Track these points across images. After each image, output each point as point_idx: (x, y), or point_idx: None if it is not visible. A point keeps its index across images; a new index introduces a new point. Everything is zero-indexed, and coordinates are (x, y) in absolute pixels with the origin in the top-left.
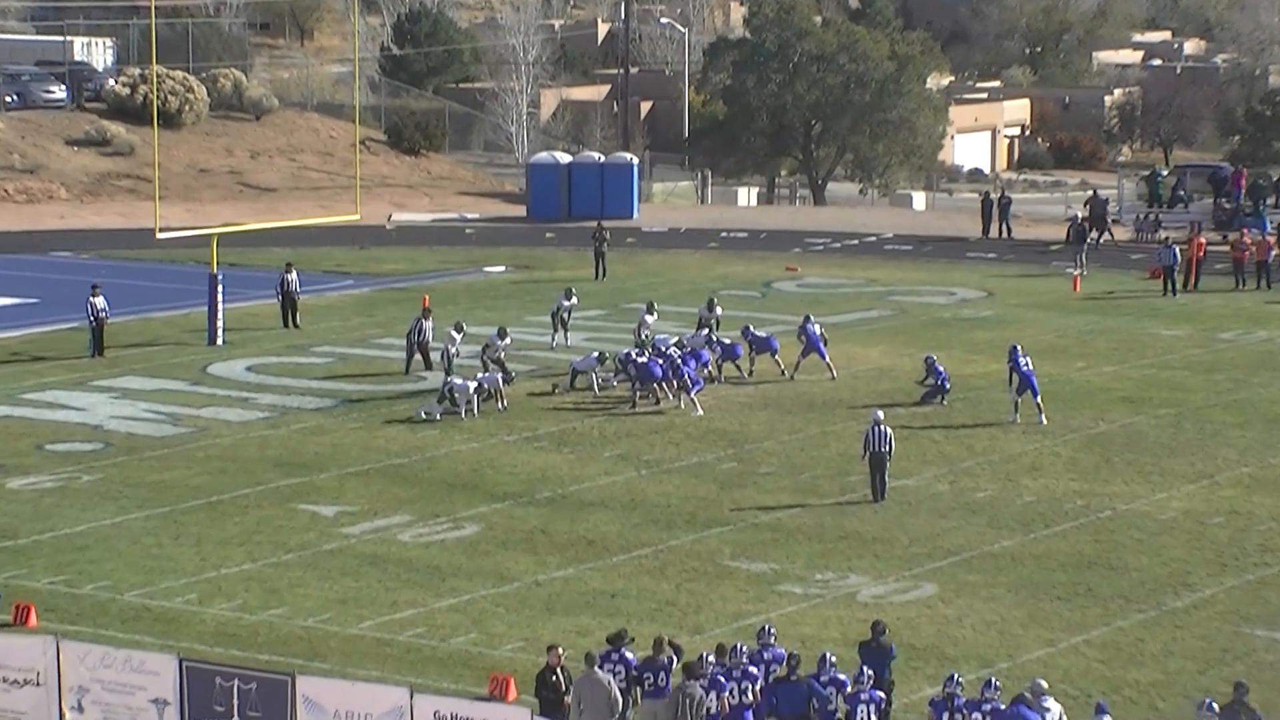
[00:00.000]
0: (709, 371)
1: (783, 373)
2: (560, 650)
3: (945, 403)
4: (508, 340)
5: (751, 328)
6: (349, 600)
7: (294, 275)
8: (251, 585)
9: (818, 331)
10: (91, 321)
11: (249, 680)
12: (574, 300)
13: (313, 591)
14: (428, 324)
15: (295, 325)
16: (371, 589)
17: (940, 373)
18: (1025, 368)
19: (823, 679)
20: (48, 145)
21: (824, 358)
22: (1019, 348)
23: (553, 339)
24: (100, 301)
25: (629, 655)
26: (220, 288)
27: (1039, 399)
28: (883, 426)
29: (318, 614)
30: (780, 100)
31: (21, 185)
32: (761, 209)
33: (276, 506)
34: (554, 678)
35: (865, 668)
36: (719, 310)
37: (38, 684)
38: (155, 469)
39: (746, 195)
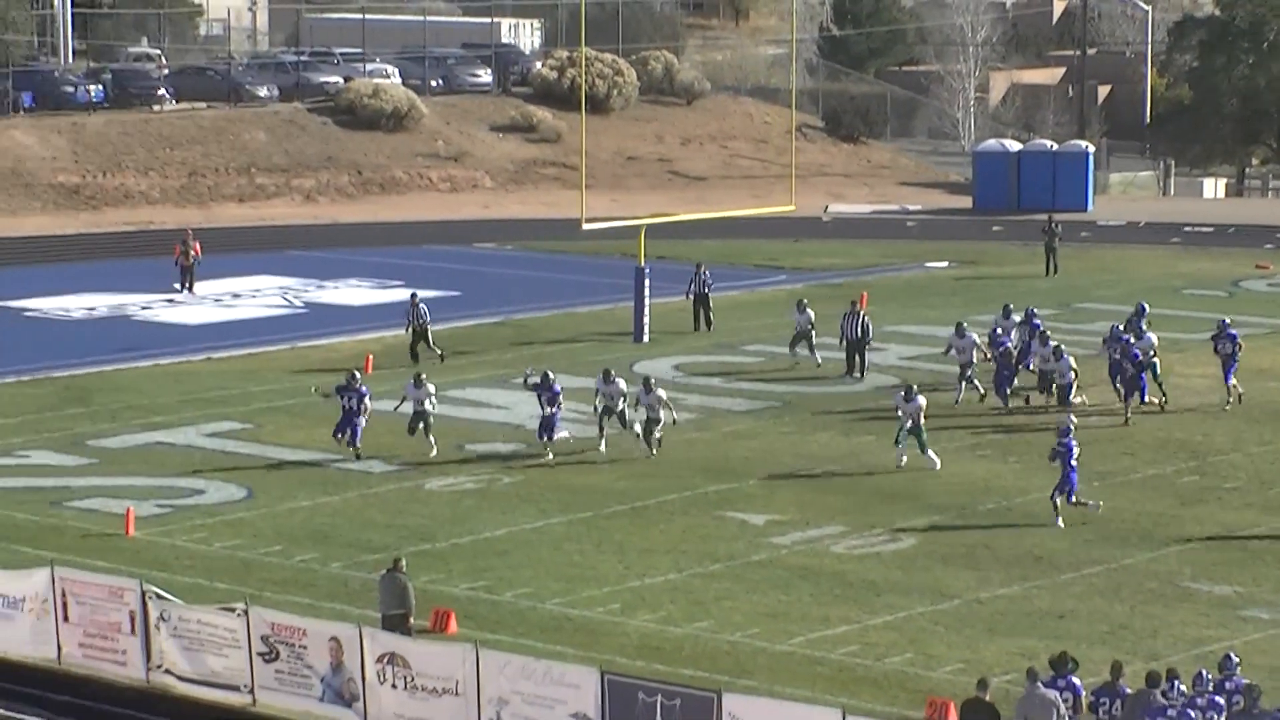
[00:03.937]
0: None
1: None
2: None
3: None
4: (659, 392)
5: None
6: (778, 614)
7: (706, 274)
8: (676, 596)
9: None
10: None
11: (672, 696)
12: (809, 313)
13: (740, 604)
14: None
15: (708, 327)
16: (802, 603)
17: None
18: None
19: None
20: (472, 131)
21: (1229, 378)
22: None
23: (816, 358)
24: (421, 309)
25: (1076, 682)
26: (647, 281)
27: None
28: None
29: (745, 628)
30: (1252, 83)
31: (445, 173)
32: (1230, 201)
33: (703, 513)
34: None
35: None
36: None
37: (456, 694)
38: (577, 472)
39: (1213, 186)
